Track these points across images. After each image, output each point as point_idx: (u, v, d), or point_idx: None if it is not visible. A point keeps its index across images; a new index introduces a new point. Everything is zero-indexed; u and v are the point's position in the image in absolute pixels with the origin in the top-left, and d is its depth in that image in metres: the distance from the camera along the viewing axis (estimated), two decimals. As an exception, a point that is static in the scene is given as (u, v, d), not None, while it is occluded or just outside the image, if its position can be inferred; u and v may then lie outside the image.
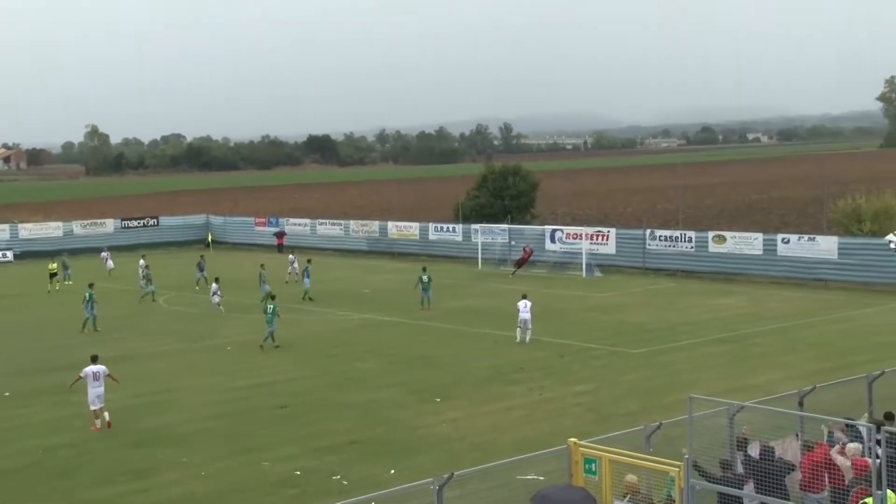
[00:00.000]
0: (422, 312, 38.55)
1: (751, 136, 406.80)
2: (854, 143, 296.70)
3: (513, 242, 53.71)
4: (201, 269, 48.10)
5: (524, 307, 32.27)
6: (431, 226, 60.61)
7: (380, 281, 49.55)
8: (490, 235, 55.66)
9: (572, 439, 14.24)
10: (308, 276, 43.49)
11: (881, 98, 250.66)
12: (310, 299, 42.11)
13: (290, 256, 50.46)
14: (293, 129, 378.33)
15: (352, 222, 66.15)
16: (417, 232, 60.82)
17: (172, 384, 27.79)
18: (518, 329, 32.29)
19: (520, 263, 48.24)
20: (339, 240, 64.80)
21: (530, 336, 32.04)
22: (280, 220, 70.42)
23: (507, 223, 56.78)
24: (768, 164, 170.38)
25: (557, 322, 35.86)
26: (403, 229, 61.97)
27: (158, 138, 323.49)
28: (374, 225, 64.00)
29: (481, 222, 58.00)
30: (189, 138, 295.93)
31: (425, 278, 39.83)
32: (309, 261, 46.07)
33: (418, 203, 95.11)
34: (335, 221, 68.05)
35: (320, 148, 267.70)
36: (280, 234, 67.68)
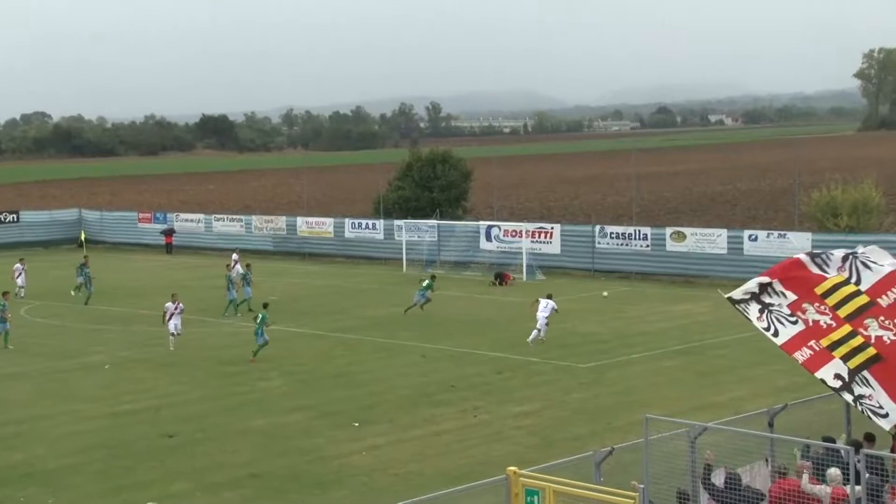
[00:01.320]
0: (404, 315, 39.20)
1: (713, 119, 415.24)
2: (829, 125, 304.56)
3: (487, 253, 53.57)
4: (83, 273, 46.82)
5: (544, 307, 33.19)
6: (348, 222, 60.45)
7: (288, 286, 49.27)
8: (416, 233, 55.73)
9: (512, 468, 14.32)
10: (249, 283, 42.62)
11: (859, 75, 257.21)
12: (247, 309, 41.04)
13: (235, 256, 49.40)
14: (183, 109, 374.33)
15: (254, 218, 65.63)
16: (332, 229, 60.61)
17: (36, 411, 27.21)
18: (536, 330, 33.12)
19: (497, 277, 48.51)
20: (239, 238, 64.14)
21: (536, 336, 33.00)
22: (168, 215, 69.50)
23: (436, 219, 56.86)
24: (733, 150, 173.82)
25: (494, 332, 36.03)
26: (315, 226, 61.69)
27: (17, 118, 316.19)
28: (281, 221, 63.59)
29: (406, 217, 58.00)
30: (56, 118, 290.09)
31: (424, 283, 40.41)
32: (248, 265, 44.97)
33: (332, 195, 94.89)
34: (234, 217, 67.44)
35: (216, 130, 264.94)
36: (169, 233, 66.76)
